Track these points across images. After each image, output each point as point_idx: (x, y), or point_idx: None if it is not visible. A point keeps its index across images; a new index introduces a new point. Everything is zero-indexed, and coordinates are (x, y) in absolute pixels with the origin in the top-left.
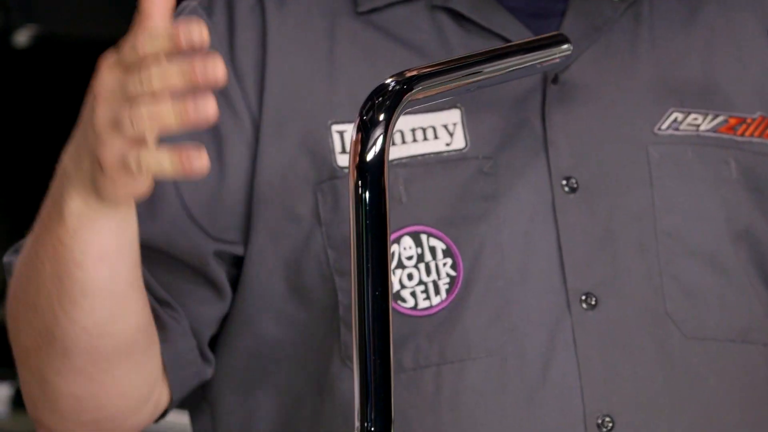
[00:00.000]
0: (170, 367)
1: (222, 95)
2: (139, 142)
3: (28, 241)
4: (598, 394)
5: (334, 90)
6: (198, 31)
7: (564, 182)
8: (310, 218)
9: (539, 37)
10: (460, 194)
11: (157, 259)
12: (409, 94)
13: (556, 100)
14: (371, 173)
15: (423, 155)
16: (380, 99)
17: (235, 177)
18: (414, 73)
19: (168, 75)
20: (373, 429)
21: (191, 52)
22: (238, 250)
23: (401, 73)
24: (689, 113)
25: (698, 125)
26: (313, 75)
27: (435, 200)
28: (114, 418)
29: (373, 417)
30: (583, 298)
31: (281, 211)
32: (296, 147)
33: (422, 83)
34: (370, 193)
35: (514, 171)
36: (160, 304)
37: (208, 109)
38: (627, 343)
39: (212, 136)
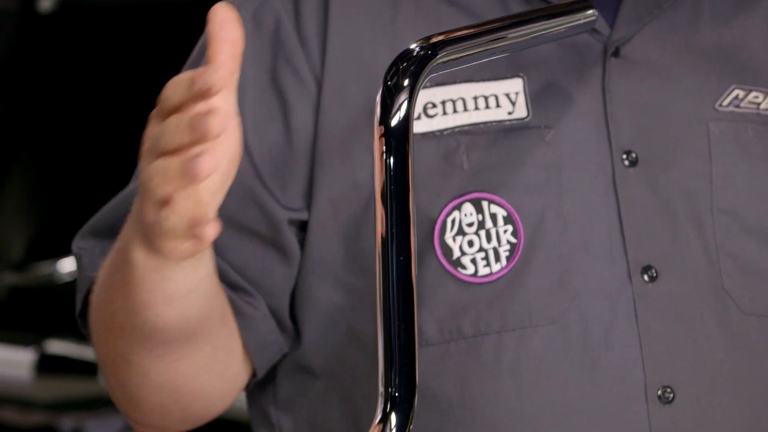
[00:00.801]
0: (254, 353)
1: (286, 61)
2: (165, 202)
3: (106, 262)
4: (659, 365)
5: (395, 54)
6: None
7: (624, 156)
8: (369, 185)
9: (564, 2)
10: (521, 162)
11: (230, 236)
12: (433, 60)
13: (617, 74)
14: (395, 139)
15: (485, 123)
16: (405, 64)
17: (301, 142)
18: (439, 38)
19: (180, 130)
20: (396, 394)
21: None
22: (305, 215)
23: (426, 39)
24: (750, 91)
25: (759, 103)
26: (376, 41)
27: (496, 168)
28: (200, 414)
29: (397, 382)
30: (644, 270)
31: (342, 178)
32: (357, 113)
33: (447, 49)
34: (394, 159)
35: (574, 143)
36: (236, 291)
37: (204, 166)
38: (687, 316)
39: (278, 102)
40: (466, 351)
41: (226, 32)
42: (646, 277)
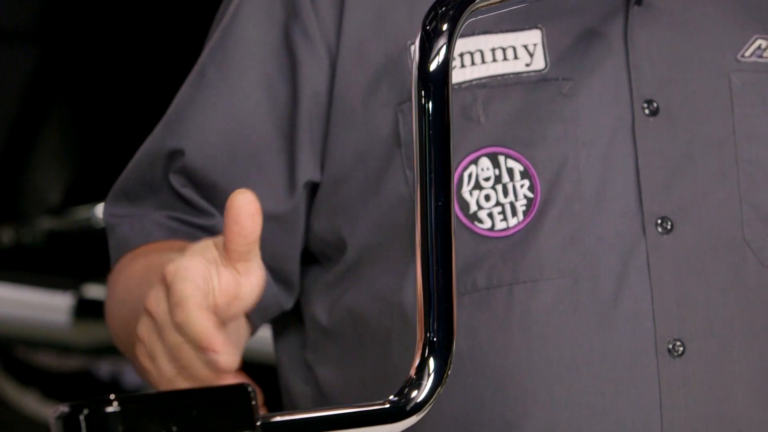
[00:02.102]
0: (254, 317)
1: (297, 21)
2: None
3: (124, 281)
4: (670, 318)
5: (413, 10)
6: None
7: (645, 105)
8: (390, 139)
9: None
10: (538, 116)
11: None
12: (472, 4)
13: (640, 23)
14: (434, 83)
15: (502, 75)
16: (443, 9)
17: (308, 99)
18: None
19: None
20: (435, 339)
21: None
22: (317, 176)
23: None
24: None
25: None
26: None
27: (513, 121)
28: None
29: (435, 327)
30: (659, 222)
31: (364, 133)
32: (377, 69)
33: None
34: (433, 104)
35: (593, 93)
36: None
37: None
38: (701, 270)
39: (289, 60)
40: (477, 303)
41: (240, 227)
42: (660, 229)
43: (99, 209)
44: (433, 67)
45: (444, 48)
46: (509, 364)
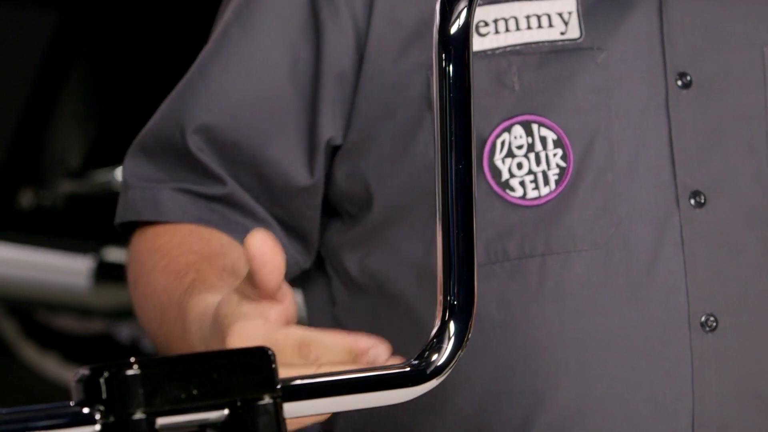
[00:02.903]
0: None
1: None
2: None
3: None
4: (703, 292)
5: None
6: None
7: (678, 77)
8: (420, 102)
9: None
10: (572, 85)
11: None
12: None
13: None
14: (455, 46)
15: (537, 43)
16: None
17: (331, 62)
18: None
19: None
20: (455, 302)
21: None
22: (339, 140)
23: None
24: None
25: None
26: None
27: (547, 90)
28: None
29: (456, 291)
30: (692, 195)
31: (394, 95)
32: (409, 31)
33: None
34: (453, 67)
35: (627, 64)
36: (257, 220)
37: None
38: (734, 244)
39: (312, 21)
40: (510, 273)
41: (268, 266)
42: (693, 203)
43: (119, 172)
44: (453, 29)
45: (465, 11)
46: (541, 335)
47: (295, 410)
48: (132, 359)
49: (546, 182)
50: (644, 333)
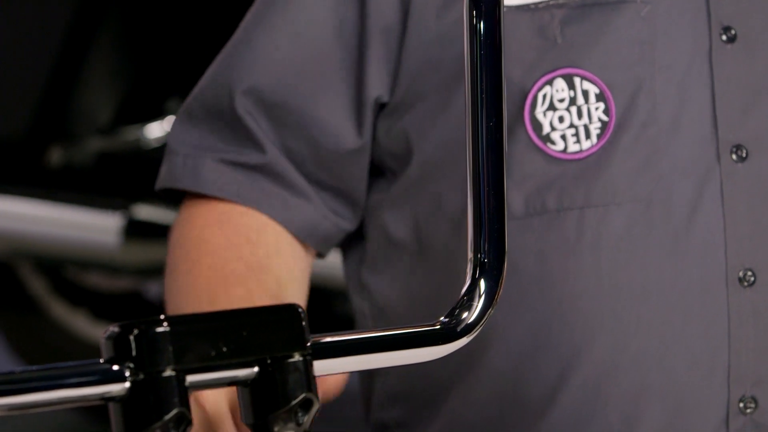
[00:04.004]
0: (321, 249)
1: None
2: None
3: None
4: (742, 247)
5: None
6: None
7: (722, 32)
8: (462, 57)
9: None
10: (615, 39)
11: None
12: None
13: None
14: (486, 2)
15: None
16: None
17: (376, 19)
18: None
19: None
20: (486, 260)
21: None
22: (385, 97)
23: None
24: None
25: None
26: None
27: (590, 43)
28: None
29: (486, 248)
30: (734, 149)
31: (438, 50)
32: None
33: None
34: (484, 24)
35: (671, 18)
36: (293, 189)
37: None
38: None
39: None
40: (547, 225)
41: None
42: (735, 157)
43: (149, 129)
44: None
45: None
46: (578, 289)
47: (325, 368)
48: (162, 316)
49: (587, 136)
50: (681, 288)
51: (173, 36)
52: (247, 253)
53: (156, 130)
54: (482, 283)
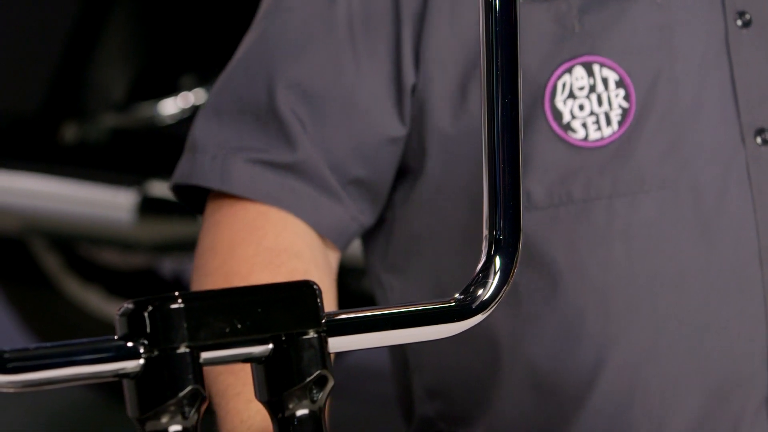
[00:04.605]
0: (340, 243)
1: None
2: None
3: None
4: None
5: None
6: None
7: (737, 17)
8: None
9: None
10: (633, 26)
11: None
12: None
13: None
14: None
15: None
16: None
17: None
18: None
19: None
20: (501, 237)
21: None
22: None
23: None
24: None
25: None
26: None
27: (608, 31)
28: None
29: (501, 225)
30: (757, 132)
31: (452, 35)
32: None
33: None
34: (500, 0)
35: (686, 5)
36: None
37: None
38: None
39: None
40: (575, 216)
41: None
42: (759, 140)
43: (164, 105)
44: None
45: None
46: (611, 277)
47: (339, 345)
48: (176, 293)
49: (608, 123)
50: (715, 271)
51: (188, 12)
52: (277, 263)
53: (170, 106)
54: (497, 260)
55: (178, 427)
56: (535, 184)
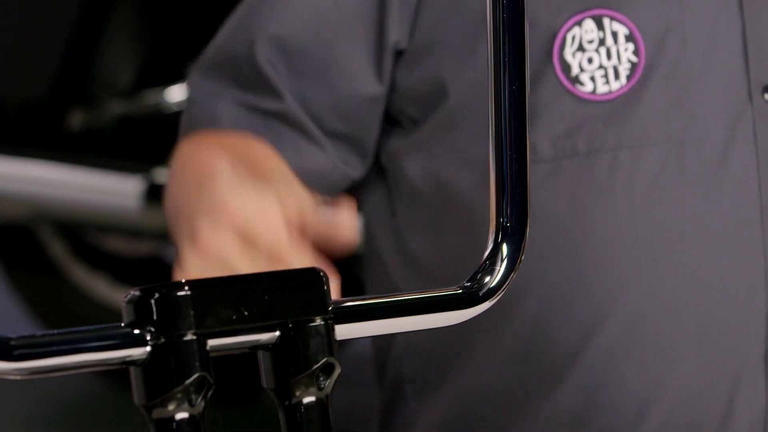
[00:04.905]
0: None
1: None
2: None
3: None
4: None
5: None
6: None
7: None
8: (478, 13)
9: None
10: None
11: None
12: None
13: None
14: None
15: None
16: None
17: None
18: None
19: None
20: (508, 224)
21: None
22: (404, 44)
23: None
24: None
25: None
26: None
27: None
28: None
29: (509, 212)
30: (765, 89)
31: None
32: None
33: None
34: None
35: None
36: (304, 132)
37: None
38: None
39: None
40: (579, 168)
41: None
42: (766, 97)
43: (170, 92)
44: None
45: None
46: (612, 230)
47: (346, 332)
48: (183, 280)
49: (617, 77)
50: (716, 227)
51: None
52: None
53: (177, 93)
54: (505, 248)
55: (185, 415)
56: (541, 137)
